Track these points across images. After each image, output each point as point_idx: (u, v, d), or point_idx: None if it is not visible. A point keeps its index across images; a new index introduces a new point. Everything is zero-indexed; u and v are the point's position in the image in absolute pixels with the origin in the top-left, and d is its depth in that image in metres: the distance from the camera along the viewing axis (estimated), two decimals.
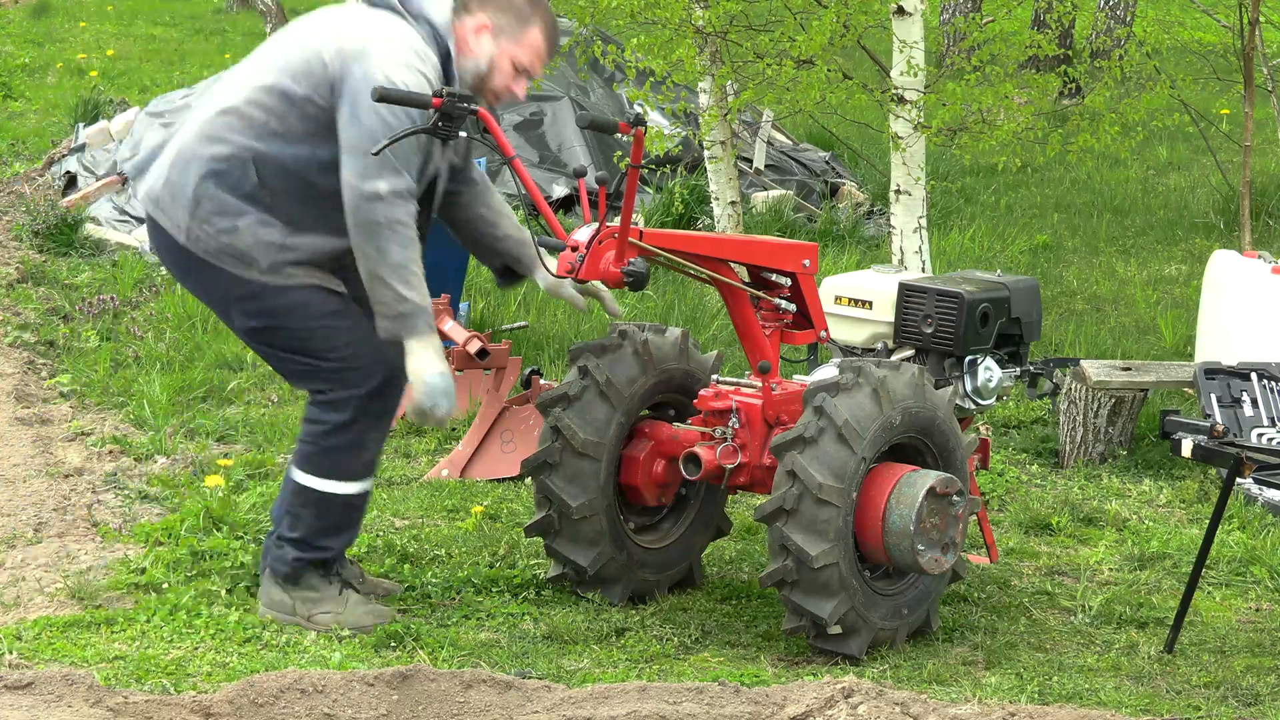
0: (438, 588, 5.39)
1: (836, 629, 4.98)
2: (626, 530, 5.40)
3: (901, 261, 8.24)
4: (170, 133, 5.08)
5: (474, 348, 6.44)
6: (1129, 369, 7.16)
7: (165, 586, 5.19)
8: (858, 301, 5.80)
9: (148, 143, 10.37)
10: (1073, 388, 7.07)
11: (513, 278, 5.38)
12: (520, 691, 4.31)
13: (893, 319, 5.71)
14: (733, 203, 9.33)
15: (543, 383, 6.52)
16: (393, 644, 4.92)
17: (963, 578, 5.38)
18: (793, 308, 5.36)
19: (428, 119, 4.76)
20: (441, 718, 4.20)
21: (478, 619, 5.21)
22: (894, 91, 8.02)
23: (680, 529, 5.56)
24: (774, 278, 5.34)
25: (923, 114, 8.07)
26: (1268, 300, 7.48)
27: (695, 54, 8.64)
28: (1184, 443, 5.18)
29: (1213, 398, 6.89)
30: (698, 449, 5.21)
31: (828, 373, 5.20)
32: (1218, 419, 6.75)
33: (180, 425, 6.86)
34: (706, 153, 9.43)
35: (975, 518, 5.76)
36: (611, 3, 8.60)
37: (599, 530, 5.28)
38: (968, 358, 5.64)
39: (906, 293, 5.71)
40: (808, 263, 5.33)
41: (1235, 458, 5.09)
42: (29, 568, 5.39)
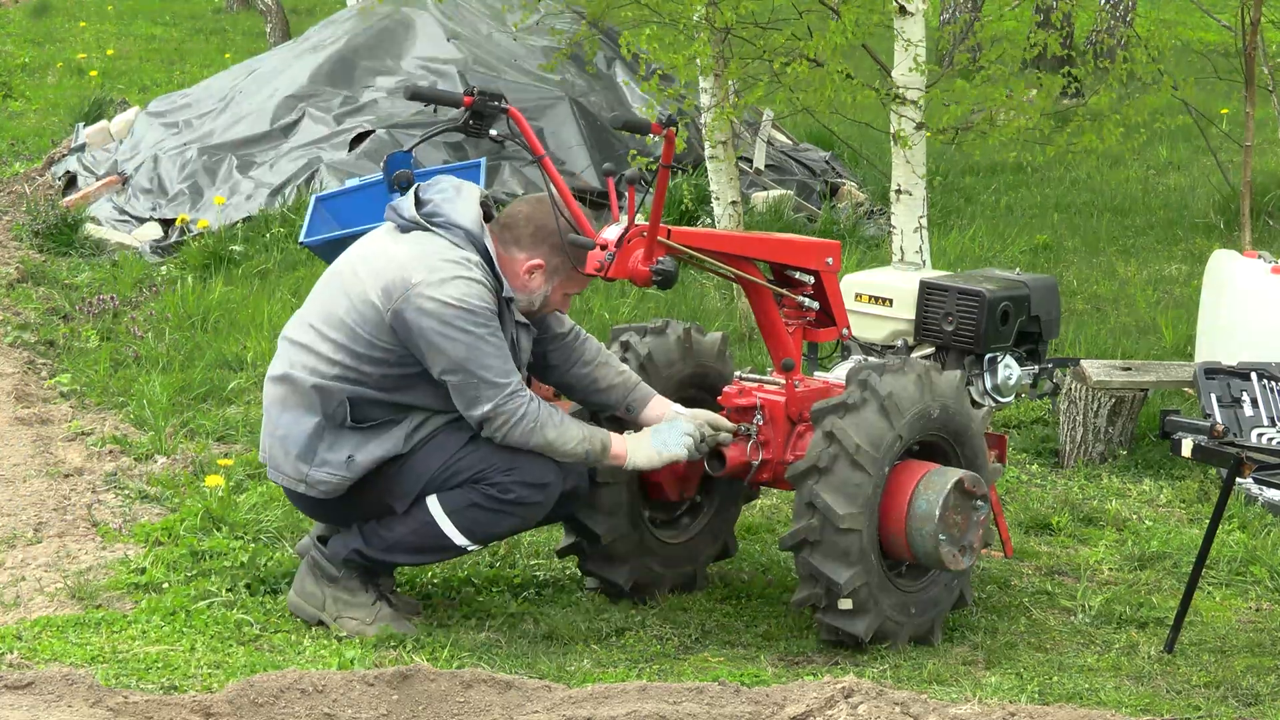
0: (438, 588, 5.39)
1: (847, 603, 4.99)
2: (643, 515, 5.42)
3: (902, 261, 8.23)
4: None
5: None
6: (1129, 369, 7.15)
7: (165, 586, 5.19)
8: (878, 299, 5.86)
9: None
10: (1073, 388, 7.07)
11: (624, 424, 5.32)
12: (520, 691, 4.31)
13: (913, 316, 5.79)
14: (733, 202, 9.31)
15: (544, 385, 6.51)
16: (392, 644, 4.92)
17: (968, 604, 5.40)
18: (816, 305, 5.40)
19: (459, 118, 4.92)
20: (441, 718, 4.19)
21: (478, 619, 5.22)
22: (896, 91, 8.01)
23: (692, 532, 5.57)
24: (797, 275, 5.39)
25: (924, 113, 8.06)
26: (1268, 300, 7.47)
27: (710, 51, 8.63)
28: (1184, 443, 5.18)
29: (1213, 398, 6.88)
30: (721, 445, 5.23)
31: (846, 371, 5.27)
32: (1218, 419, 6.75)
33: (180, 425, 6.85)
34: (708, 152, 9.41)
35: (991, 513, 5.79)
36: None
37: (618, 501, 5.30)
38: (988, 355, 5.69)
39: (927, 290, 5.77)
40: (831, 260, 5.39)
41: (1235, 458, 5.09)
42: (29, 568, 5.40)
